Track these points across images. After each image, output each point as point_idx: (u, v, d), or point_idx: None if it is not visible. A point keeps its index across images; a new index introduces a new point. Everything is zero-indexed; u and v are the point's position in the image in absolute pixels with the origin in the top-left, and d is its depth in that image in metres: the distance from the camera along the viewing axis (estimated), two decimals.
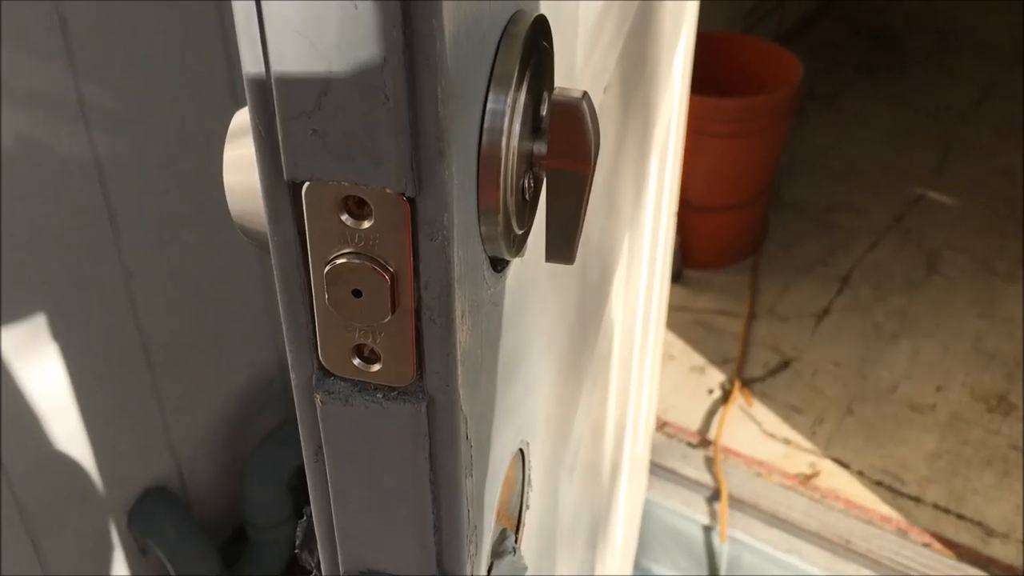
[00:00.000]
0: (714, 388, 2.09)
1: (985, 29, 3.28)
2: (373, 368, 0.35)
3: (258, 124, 0.31)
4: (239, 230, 0.40)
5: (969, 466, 1.89)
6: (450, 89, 0.30)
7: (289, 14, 0.28)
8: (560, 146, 0.37)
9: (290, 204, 0.32)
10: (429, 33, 0.28)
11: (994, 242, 2.37)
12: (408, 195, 0.31)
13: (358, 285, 0.33)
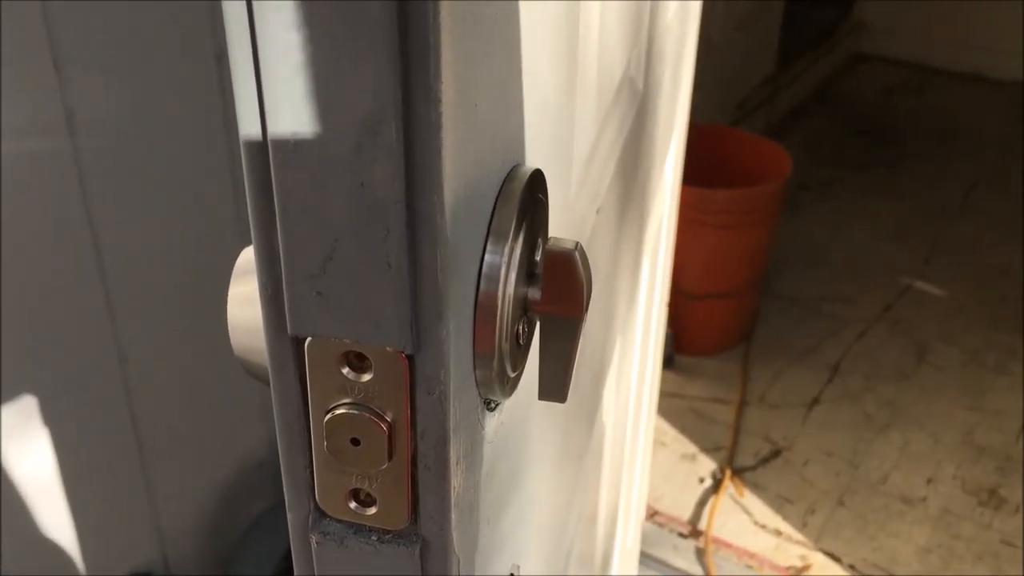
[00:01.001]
0: (705, 476, 2.09)
1: (975, 127, 3.36)
2: (369, 512, 0.36)
3: (265, 283, 0.33)
4: (241, 364, 0.41)
5: (961, 561, 1.88)
6: (449, 258, 0.31)
7: (300, 189, 0.30)
8: (554, 292, 0.39)
9: (292, 356, 0.34)
10: (430, 211, 0.30)
11: (983, 335, 2.40)
12: (407, 352, 0.32)
13: (356, 434, 0.34)
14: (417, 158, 0.29)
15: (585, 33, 0.53)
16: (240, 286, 0.41)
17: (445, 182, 0.30)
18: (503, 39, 0.35)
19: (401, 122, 0.28)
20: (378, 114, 0.28)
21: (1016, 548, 1.88)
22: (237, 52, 0.29)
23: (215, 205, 1.57)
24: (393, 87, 0.28)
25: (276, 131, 0.29)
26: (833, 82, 3.55)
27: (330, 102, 0.28)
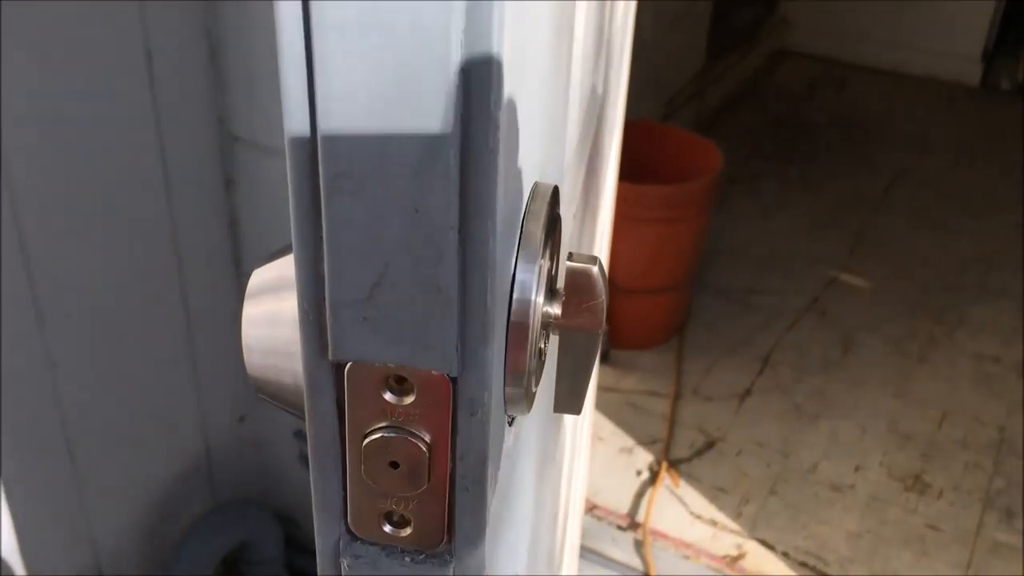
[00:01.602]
0: (642, 469, 2.12)
1: (894, 122, 3.46)
2: (403, 533, 0.36)
3: (306, 307, 0.32)
4: (254, 385, 0.41)
5: (888, 546, 1.95)
6: (496, 282, 0.31)
7: (351, 214, 0.30)
8: (574, 308, 0.39)
9: (332, 381, 0.33)
10: (483, 236, 0.30)
11: (905, 324, 2.48)
12: (452, 375, 0.32)
13: (396, 458, 0.34)
14: (474, 184, 0.29)
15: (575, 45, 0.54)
16: (255, 307, 0.40)
17: (498, 208, 0.30)
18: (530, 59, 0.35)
19: (459, 148, 0.28)
20: (439, 139, 0.28)
21: (941, 532, 1.96)
22: (289, 66, 0.28)
23: (146, 207, 1.53)
24: (455, 112, 0.28)
25: (330, 153, 0.29)
26: (758, 78, 3.63)
27: (390, 126, 0.28)
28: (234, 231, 1.71)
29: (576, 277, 0.39)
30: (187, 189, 1.58)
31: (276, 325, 0.39)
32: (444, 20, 0.26)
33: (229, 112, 1.60)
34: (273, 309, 0.39)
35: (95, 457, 1.58)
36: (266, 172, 1.63)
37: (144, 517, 1.73)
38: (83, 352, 1.51)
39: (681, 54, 2.91)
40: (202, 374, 1.73)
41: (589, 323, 0.39)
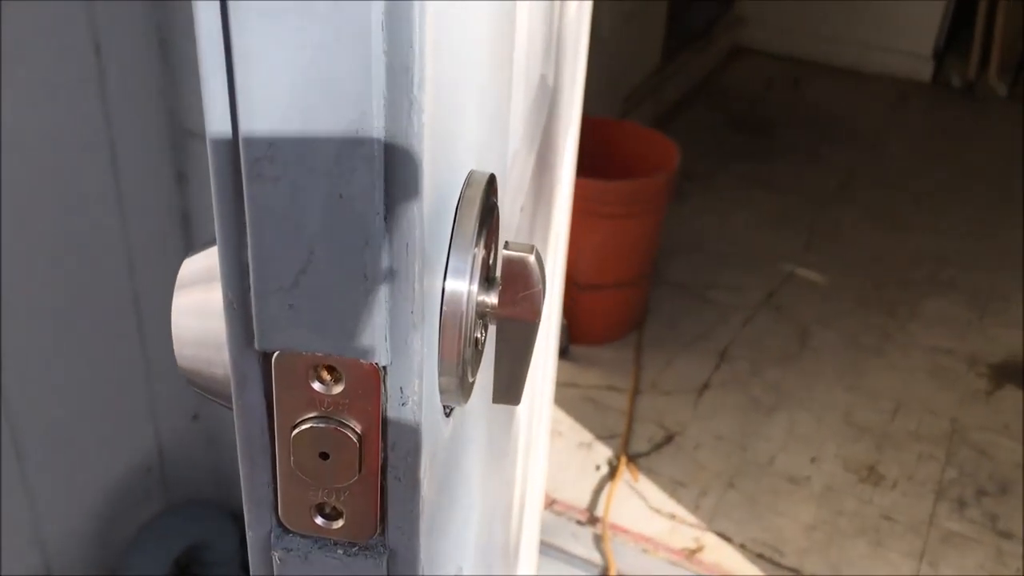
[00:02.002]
0: (601, 464, 2.12)
1: (848, 119, 3.50)
2: (335, 525, 0.35)
3: (230, 296, 0.32)
4: (184, 376, 0.40)
5: (844, 536, 1.97)
6: (424, 267, 0.31)
7: (274, 200, 0.29)
8: (511, 297, 0.39)
9: (259, 371, 0.33)
10: (410, 222, 0.29)
11: (859, 318, 2.51)
12: (381, 364, 0.32)
13: (326, 448, 0.33)
14: (399, 169, 0.28)
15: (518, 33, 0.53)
16: (185, 297, 0.39)
17: (424, 193, 0.29)
18: (463, 44, 0.34)
19: (383, 132, 0.28)
20: (360, 123, 0.27)
21: (895, 522, 1.98)
22: (207, 49, 0.27)
23: (96, 202, 1.51)
24: (377, 96, 0.27)
25: (250, 138, 0.28)
26: (714, 75, 3.65)
27: (311, 110, 0.27)
28: (186, 226, 1.68)
29: (512, 266, 0.38)
30: (138, 184, 1.56)
31: (206, 316, 0.38)
32: (366, 2, 0.26)
33: (181, 105, 1.58)
34: (203, 299, 0.38)
35: (43, 456, 1.55)
36: None
37: (95, 518, 1.70)
38: (31, 348, 1.48)
39: (638, 51, 2.92)
40: (154, 372, 1.71)
41: (526, 312, 0.39)
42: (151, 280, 1.64)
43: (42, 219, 1.44)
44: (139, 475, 1.76)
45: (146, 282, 1.63)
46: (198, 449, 1.87)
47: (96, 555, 1.72)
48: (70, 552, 1.66)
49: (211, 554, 1.82)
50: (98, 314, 1.58)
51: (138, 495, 1.77)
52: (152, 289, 1.65)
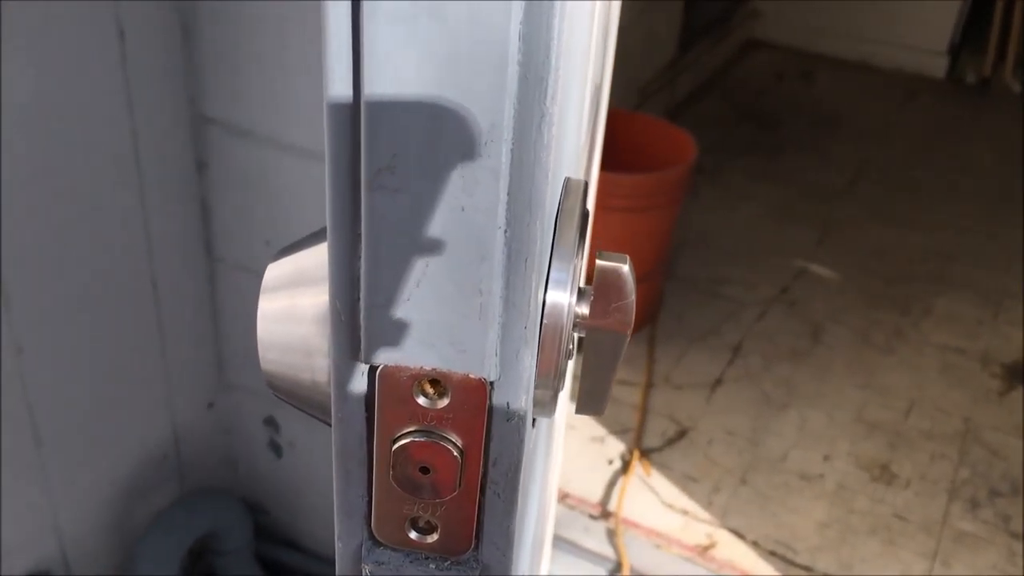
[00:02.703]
0: (614, 458, 2.12)
1: (859, 114, 3.49)
2: (429, 539, 0.35)
3: (338, 307, 0.31)
4: (268, 384, 0.39)
5: (856, 535, 1.97)
6: (540, 280, 0.30)
7: (392, 211, 0.28)
8: (604, 307, 0.38)
9: (363, 383, 0.32)
10: (531, 237, 0.29)
11: (871, 315, 2.50)
12: (490, 379, 0.31)
13: (427, 463, 0.33)
14: (525, 181, 0.28)
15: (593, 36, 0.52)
16: (272, 302, 0.39)
17: (546, 207, 0.29)
18: (573, 51, 0.33)
19: (511, 144, 0.27)
20: (489, 135, 0.27)
21: (907, 521, 1.98)
22: (335, 53, 0.26)
23: (116, 190, 1.50)
24: (509, 107, 0.26)
25: (373, 148, 0.27)
26: (727, 68, 3.64)
27: (438, 120, 0.27)
28: (205, 215, 1.68)
29: (606, 276, 0.37)
30: (158, 172, 1.55)
31: (293, 322, 0.37)
32: (504, 10, 0.25)
33: (201, 93, 1.56)
34: (290, 305, 0.37)
35: (61, 444, 1.55)
36: (238, 155, 1.60)
37: (110, 506, 1.70)
38: (50, 337, 1.48)
39: (653, 44, 2.91)
40: (171, 360, 1.70)
41: (617, 323, 0.38)
42: (170, 268, 1.63)
43: (62, 206, 1.43)
44: (155, 463, 1.76)
45: (165, 270, 1.62)
46: (214, 437, 1.87)
47: (112, 542, 1.71)
48: (86, 539, 1.66)
49: (225, 542, 1.81)
50: (116, 302, 1.57)
51: (154, 483, 1.77)
52: (171, 278, 1.64)
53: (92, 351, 1.56)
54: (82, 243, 1.47)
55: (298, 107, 1.52)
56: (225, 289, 1.74)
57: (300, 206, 1.60)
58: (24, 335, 1.43)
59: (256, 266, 1.70)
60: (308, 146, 1.54)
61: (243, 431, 1.88)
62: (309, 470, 1.89)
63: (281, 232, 1.65)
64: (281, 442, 1.88)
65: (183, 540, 1.72)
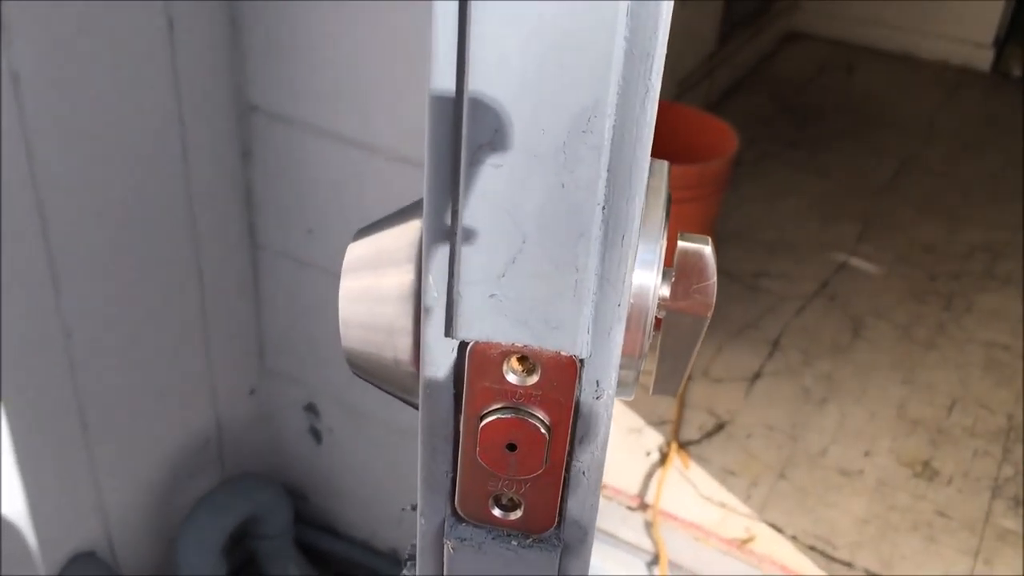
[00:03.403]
0: (651, 450, 2.11)
1: (902, 106, 3.45)
2: (512, 516, 0.35)
3: (432, 283, 0.31)
4: (349, 363, 0.39)
5: (896, 531, 1.95)
6: (634, 258, 0.30)
7: (491, 186, 0.28)
8: (685, 289, 0.38)
9: (452, 360, 0.32)
10: (628, 214, 0.29)
11: (914, 310, 2.48)
12: (580, 357, 0.31)
13: (514, 439, 0.33)
14: (625, 158, 0.28)
15: None
16: (353, 281, 0.39)
17: (643, 183, 0.29)
18: None
19: (614, 120, 0.27)
20: (593, 110, 0.27)
21: (949, 518, 1.96)
22: (442, 26, 0.26)
23: (163, 180, 1.51)
24: (614, 83, 0.26)
25: (475, 123, 0.27)
26: (767, 60, 3.61)
27: (542, 96, 0.27)
28: (249, 203, 1.69)
29: (689, 257, 0.37)
30: (204, 159, 1.56)
31: (376, 301, 0.37)
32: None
33: (247, 82, 1.58)
34: (372, 284, 0.38)
35: (107, 428, 1.57)
36: (283, 143, 1.61)
37: (154, 488, 1.72)
38: (98, 322, 1.50)
39: (694, 34, 2.89)
40: (214, 346, 1.72)
41: (698, 306, 0.38)
42: (214, 255, 1.65)
43: (112, 194, 1.44)
44: (197, 447, 1.78)
45: (209, 257, 1.64)
46: (255, 423, 1.89)
47: (155, 524, 1.74)
48: (130, 521, 1.68)
49: (265, 527, 1.83)
50: (163, 289, 1.59)
51: (196, 467, 1.79)
52: (215, 264, 1.65)
53: (138, 337, 1.58)
54: (130, 230, 1.49)
55: (343, 96, 1.53)
56: (268, 277, 1.76)
57: (343, 194, 1.61)
58: (74, 320, 1.45)
59: (298, 254, 1.71)
60: (353, 135, 1.55)
61: (283, 417, 1.89)
62: (348, 457, 1.91)
63: (324, 221, 1.66)
64: (321, 429, 1.89)
65: (225, 523, 1.74)
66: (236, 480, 1.83)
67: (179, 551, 1.72)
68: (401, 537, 1.92)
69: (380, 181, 1.54)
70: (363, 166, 1.54)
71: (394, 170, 1.51)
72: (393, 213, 0.40)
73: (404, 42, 1.41)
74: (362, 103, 1.51)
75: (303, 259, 1.69)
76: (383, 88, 1.47)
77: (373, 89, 1.48)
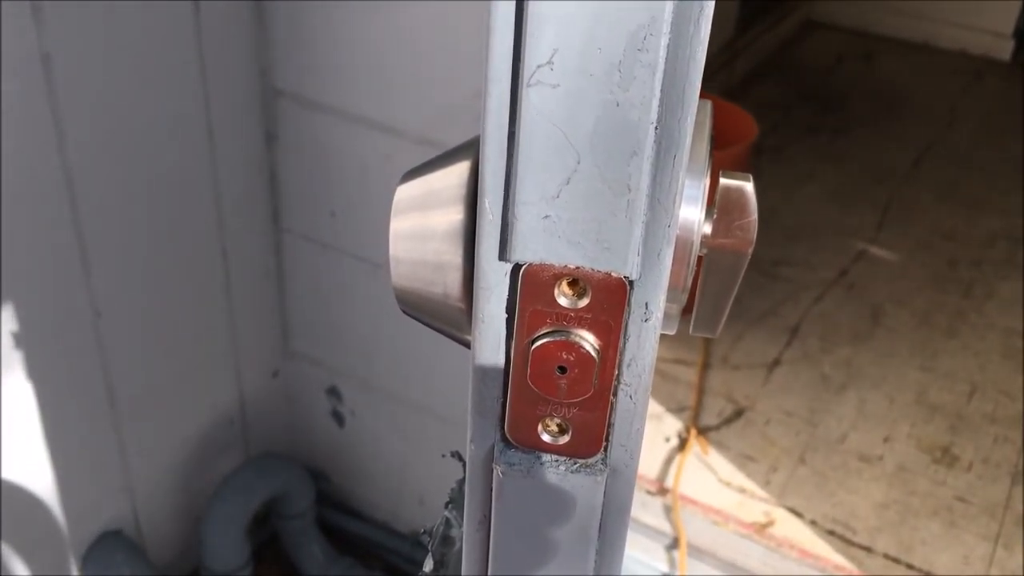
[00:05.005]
0: (671, 436, 2.12)
1: (921, 95, 3.44)
2: (561, 441, 0.36)
3: (487, 205, 0.32)
4: (399, 300, 0.41)
5: (916, 516, 1.95)
6: (684, 180, 0.31)
7: (548, 106, 0.29)
8: (727, 226, 0.39)
9: (506, 283, 0.33)
10: (680, 134, 0.30)
11: (933, 297, 2.47)
12: (631, 278, 0.32)
13: (565, 362, 0.34)
14: (679, 77, 0.29)
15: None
16: (403, 221, 0.40)
17: (695, 103, 0.30)
18: None
19: (668, 38, 0.28)
20: (649, 28, 0.28)
21: (969, 504, 1.96)
22: None
23: (189, 162, 1.53)
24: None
25: (534, 42, 0.28)
26: (787, 49, 3.60)
27: (599, 13, 0.28)
28: (273, 186, 1.71)
29: (731, 194, 0.38)
30: (229, 143, 1.58)
31: (425, 239, 0.38)
32: None
33: (272, 66, 1.59)
34: (421, 223, 0.39)
35: (134, 406, 1.59)
36: (308, 127, 1.63)
37: (180, 468, 1.74)
38: (126, 302, 1.52)
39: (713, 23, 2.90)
40: (238, 328, 1.74)
41: (740, 242, 0.39)
42: (239, 238, 1.66)
43: (139, 176, 1.46)
44: (222, 428, 1.79)
45: (234, 240, 1.65)
46: (278, 405, 1.90)
47: (180, 503, 1.76)
48: (156, 499, 1.70)
49: (289, 507, 1.85)
50: (188, 270, 1.60)
51: (220, 447, 1.81)
52: (240, 247, 1.67)
53: (165, 317, 1.60)
54: (157, 213, 1.51)
55: (367, 80, 1.55)
56: (291, 259, 1.78)
57: (367, 177, 1.62)
58: (102, 300, 1.47)
59: (322, 237, 1.72)
60: (376, 118, 1.56)
61: (306, 400, 1.91)
62: (370, 440, 1.92)
63: (348, 204, 1.67)
64: (343, 411, 1.91)
65: (249, 503, 1.76)
66: (260, 460, 1.85)
67: (204, 530, 1.74)
68: (423, 518, 1.93)
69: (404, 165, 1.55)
70: (387, 150, 1.56)
71: (418, 153, 1.53)
72: (441, 155, 0.41)
73: (429, 25, 1.42)
74: (387, 87, 1.52)
75: (327, 242, 1.71)
76: (408, 72, 1.48)
77: (398, 73, 1.49)
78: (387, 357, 1.78)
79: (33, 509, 1.49)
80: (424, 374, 1.77)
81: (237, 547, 1.75)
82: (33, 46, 1.25)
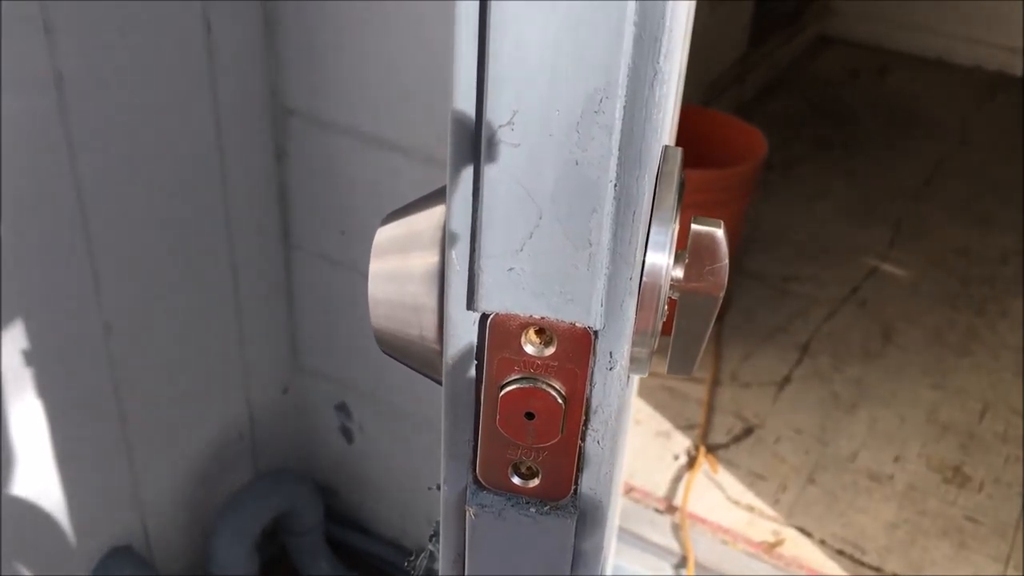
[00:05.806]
0: (679, 453, 2.12)
1: (935, 111, 3.43)
2: (531, 484, 0.37)
3: (455, 258, 0.33)
4: (377, 340, 0.41)
5: (927, 536, 1.94)
6: (645, 233, 0.32)
7: (510, 165, 0.30)
8: (698, 271, 0.39)
9: (474, 332, 0.34)
10: (639, 190, 0.30)
11: (945, 315, 2.46)
12: (594, 328, 0.33)
13: (532, 408, 0.35)
14: (635, 137, 0.29)
15: None
16: (382, 263, 0.41)
17: (653, 164, 0.30)
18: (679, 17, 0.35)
19: (624, 101, 0.29)
20: (605, 91, 0.28)
21: (979, 524, 1.95)
22: (464, 15, 0.28)
23: (199, 180, 1.55)
24: (624, 65, 0.28)
25: (495, 104, 0.29)
26: (800, 64, 3.60)
27: (557, 77, 0.28)
28: (283, 203, 1.72)
29: (701, 239, 0.39)
30: (239, 160, 1.60)
31: (403, 281, 0.39)
32: None
33: (283, 84, 1.61)
34: (400, 265, 0.40)
35: (145, 422, 1.61)
36: (318, 145, 1.64)
37: (189, 483, 1.76)
38: (136, 317, 1.53)
39: (724, 38, 2.90)
40: (248, 345, 1.75)
41: (711, 286, 0.40)
42: (248, 255, 1.68)
43: (149, 193, 1.48)
44: (231, 443, 1.81)
45: (244, 257, 1.67)
46: (287, 421, 1.92)
47: (190, 518, 1.77)
48: (166, 514, 1.72)
49: (297, 523, 1.86)
50: (198, 287, 1.62)
51: (230, 462, 1.82)
52: (249, 264, 1.69)
53: (175, 333, 1.62)
54: (168, 229, 1.53)
55: (377, 99, 1.56)
56: (301, 276, 1.79)
57: (376, 196, 1.63)
58: (113, 316, 1.49)
59: (332, 255, 1.74)
60: (386, 136, 1.57)
61: (315, 416, 1.92)
62: (378, 456, 1.93)
63: (357, 222, 1.69)
64: (352, 428, 1.92)
65: (258, 518, 1.77)
66: (269, 476, 1.86)
67: (213, 545, 1.76)
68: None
69: (414, 183, 1.57)
70: (397, 168, 1.57)
71: (427, 172, 1.54)
72: (419, 198, 0.42)
73: (439, 44, 1.43)
74: (397, 106, 1.54)
75: (336, 259, 1.72)
76: (418, 90, 1.50)
77: (408, 92, 1.51)
78: (396, 373, 1.79)
79: (43, 523, 1.50)
80: (433, 391, 1.77)
81: (246, 563, 1.76)
82: (46, 65, 1.27)
